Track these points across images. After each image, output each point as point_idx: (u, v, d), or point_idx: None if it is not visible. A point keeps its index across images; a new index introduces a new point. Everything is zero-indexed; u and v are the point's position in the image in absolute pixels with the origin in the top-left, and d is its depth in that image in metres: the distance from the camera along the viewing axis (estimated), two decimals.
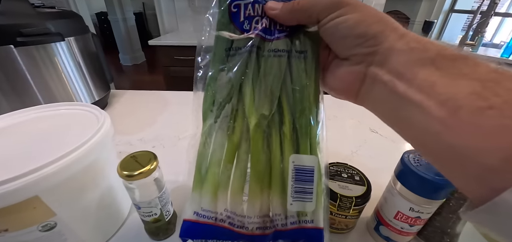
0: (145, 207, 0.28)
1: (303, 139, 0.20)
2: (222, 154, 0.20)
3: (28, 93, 0.52)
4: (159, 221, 0.30)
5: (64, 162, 0.22)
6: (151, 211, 0.29)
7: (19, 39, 0.44)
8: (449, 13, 2.87)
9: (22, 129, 0.29)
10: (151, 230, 0.32)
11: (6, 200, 0.20)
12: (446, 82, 0.13)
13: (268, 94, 0.20)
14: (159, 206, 0.29)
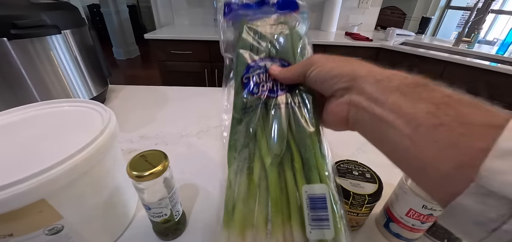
0: (155, 208, 0.27)
1: (313, 171, 0.23)
2: (246, 193, 0.23)
3: (23, 88, 0.50)
4: (169, 222, 0.29)
5: (71, 163, 0.21)
6: (161, 212, 0.28)
7: (13, 31, 0.42)
8: (445, 10, 2.90)
9: (24, 127, 0.28)
10: (160, 231, 0.31)
11: (10, 204, 0.19)
12: (410, 105, 0.16)
13: (277, 137, 0.24)
14: (169, 206, 0.28)
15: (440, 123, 0.15)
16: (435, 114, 0.15)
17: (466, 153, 0.13)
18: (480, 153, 0.13)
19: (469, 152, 0.13)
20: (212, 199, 0.38)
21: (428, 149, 0.15)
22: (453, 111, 0.15)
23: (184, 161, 0.45)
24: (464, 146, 0.14)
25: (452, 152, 0.14)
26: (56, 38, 0.50)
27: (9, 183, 0.19)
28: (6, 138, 0.26)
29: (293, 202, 0.23)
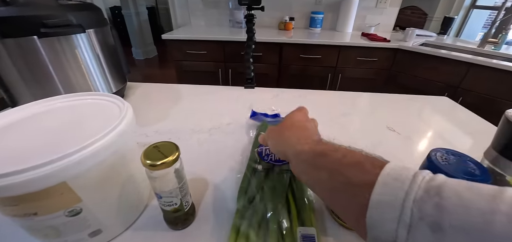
0: (166, 197, 0.28)
1: (306, 215, 0.33)
2: (251, 224, 0.32)
3: (49, 83, 0.53)
4: (178, 211, 0.30)
5: (91, 150, 0.23)
6: (172, 201, 0.29)
7: (42, 30, 0.45)
8: (470, 9, 2.75)
9: (51, 116, 0.30)
10: (170, 220, 0.32)
11: (36, 185, 0.21)
12: (316, 174, 0.24)
13: (279, 193, 0.35)
14: (179, 196, 0.29)
15: (335, 188, 0.21)
16: (331, 180, 0.21)
17: (358, 208, 0.18)
18: (364, 208, 0.17)
19: (359, 209, 0.18)
20: (221, 193, 0.39)
21: (338, 208, 0.23)
22: (342, 177, 0.20)
23: (196, 156, 0.47)
24: (355, 203, 0.19)
25: (351, 208, 0.20)
26: (81, 37, 0.53)
27: (35, 165, 0.20)
28: (34, 125, 0.29)
29: (287, 237, 0.30)
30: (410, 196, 0.15)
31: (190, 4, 1.99)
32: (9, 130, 0.28)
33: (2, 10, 0.43)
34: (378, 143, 0.53)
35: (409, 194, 0.15)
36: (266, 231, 0.31)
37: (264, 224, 0.32)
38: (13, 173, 0.20)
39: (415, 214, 0.15)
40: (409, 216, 0.15)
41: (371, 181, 0.17)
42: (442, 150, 0.28)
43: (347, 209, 0.21)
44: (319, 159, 0.23)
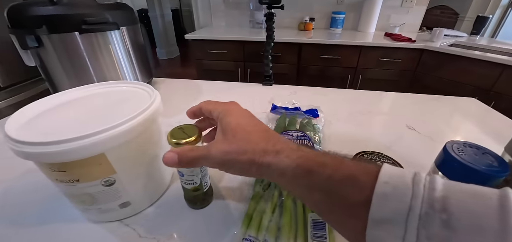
0: (188, 175, 0.31)
1: None
2: (267, 208, 0.33)
3: (86, 75, 0.59)
4: (198, 190, 0.33)
5: (126, 127, 0.26)
6: (192, 180, 0.31)
7: (83, 27, 0.50)
8: (508, 8, 2.54)
9: (91, 100, 0.35)
10: (190, 198, 0.35)
11: (79, 153, 0.24)
12: (307, 193, 0.21)
13: None
14: (199, 176, 0.32)
15: (331, 210, 0.19)
16: (325, 202, 0.19)
17: (357, 228, 0.17)
18: (364, 226, 0.16)
19: (359, 227, 0.16)
20: (237, 180, 0.41)
21: (337, 227, 0.20)
22: (336, 197, 0.18)
23: None
24: (352, 224, 0.17)
25: (348, 227, 0.18)
26: (115, 34, 0.58)
27: (79, 136, 0.24)
28: (77, 107, 0.33)
29: (300, 222, 0.31)
30: (414, 212, 0.14)
31: (212, 5, 2.06)
32: (59, 109, 0.32)
33: (50, 9, 0.49)
34: (395, 141, 0.52)
35: (413, 209, 0.14)
36: (279, 217, 0.33)
37: (278, 209, 0.33)
38: (64, 141, 0.23)
39: (422, 234, 0.14)
40: (415, 235, 0.14)
41: (368, 197, 0.16)
42: (459, 141, 0.28)
43: (345, 227, 0.19)
44: (307, 178, 0.19)
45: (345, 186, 0.17)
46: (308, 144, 0.42)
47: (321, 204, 0.20)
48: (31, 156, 0.24)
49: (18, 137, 0.24)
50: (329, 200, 0.18)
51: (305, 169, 0.19)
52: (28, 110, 0.31)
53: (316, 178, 0.19)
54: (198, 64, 1.83)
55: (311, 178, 0.19)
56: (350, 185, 0.17)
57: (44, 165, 0.26)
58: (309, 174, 0.19)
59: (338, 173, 0.18)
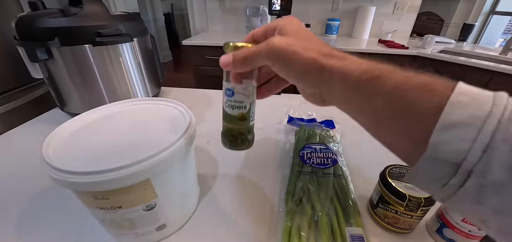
0: (239, 93, 0.26)
1: (352, 215, 0.35)
2: (302, 223, 0.33)
3: (95, 87, 0.57)
4: (243, 120, 0.27)
5: (172, 150, 0.26)
6: (242, 102, 0.26)
7: (97, 39, 0.49)
8: (489, 15, 2.69)
9: (124, 117, 0.34)
10: (231, 131, 0.29)
11: (127, 181, 0.24)
12: (368, 101, 0.19)
13: (325, 195, 0.37)
14: (250, 99, 0.27)
15: (395, 115, 0.18)
16: (389, 107, 0.18)
17: (420, 135, 0.16)
18: (429, 134, 0.15)
19: (423, 135, 0.16)
20: (264, 194, 0.41)
21: (388, 135, 0.20)
22: (404, 102, 0.17)
23: (236, 159, 0.49)
24: (418, 130, 0.16)
25: (409, 135, 0.17)
26: (126, 46, 0.57)
27: (128, 163, 0.23)
28: (111, 126, 0.32)
29: (337, 237, 0.32)
30: (494, 117, 0.14)
31: (208, 11, 2.05)
32: (92, 129, 0.31)
33: (63, 20, 0.48)
34: None
35: (492, 115, 0.14)
36: (316, 232, 0.33)
37: (313, 224, 0.34)
38: (112, 170, 0.23)
39: (498, 135, 0.13)
40: (489, 136, 0.13)
41: (442, 103, 0.15)
42: None
43: (403, 135, 0.18)
44: (374, 84, 0.19)
45: (417, 92, 0.17)
46: (333, 156, 0.43)
47: (382, 110, 0.18)
48: (75, 186, 0.23)
49: (59, 163, 0.23)
50: (394, 105, 0.18)
51: (373, 74, 0.19)
52: (61, 131, 0.29)
53: (384, 82, 0.18)
54: (196, 70, 1.81)
55: (378, 83, 0.18)
56: (423, 91, 0.16)
57: (86, 193, 0.25)
58: (377, 79, 0.18)
59: (410, 80, 0.17)
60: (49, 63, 0.52)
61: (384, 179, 0.34)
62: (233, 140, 0.29)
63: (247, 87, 0.26)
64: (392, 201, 0.33)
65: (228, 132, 0.29)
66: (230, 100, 0.27)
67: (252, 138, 0.30)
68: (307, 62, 0.21)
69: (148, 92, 0.67)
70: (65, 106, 0.60)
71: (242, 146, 0.29)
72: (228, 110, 0.27)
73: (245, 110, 0.27)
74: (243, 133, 0.28)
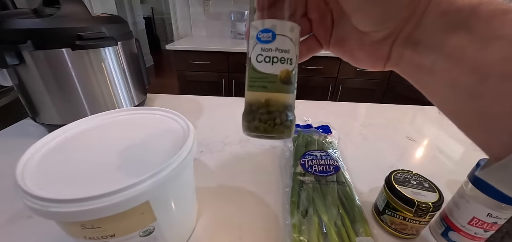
0: (284, 36, 0.17)
1: (360, 224, 0.33)
2: (311, 236, 0.32)
3: (73, 95, 0.52)
4: (287, 85, 0.18)
5: (173, 169, 0.23)
6: (288, 51, 0.18)
7: (77, 42, 0.44)
8: None
9: (114, 130, 0.30)
10: (265, 104, 0.18)
11: (123, 206, 0.20)
12: (477, 48, 0.13)
13: (331, 204, 0.35)
14: (296, 50, 0.18)
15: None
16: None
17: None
18: None
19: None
20: (267, 206, 0.38)
21: (496, 105, 0.12)
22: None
23: (233, 168, 0.46)
24: None
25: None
26: (109, 50, 0.52)
27: (124, 186, 0.20)
28: (100, 141, 0.28)
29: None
30: None
31: (192, 15, 2.00)
32: (76, 145, 0.27)
33: (37, 22, 0.43)
34: (404, 151, 0.55)
35: None
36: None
37: (321, 237, 0.32)
38: (105, 194, 0.19)
39: None
40: None
41: None
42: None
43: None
44: (499, 21, 0.12)
45: None
46: (334, 163, 0.42)
47: (502, 63, 0.12)
48: (60, 216, 0.19)
49: (37, 189, 0.20)
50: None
51: (498, 8, 0.12)
52: (38, 148, 0.25)
53: (511, 22, 0.12)
54: (180, 75, 1.75)
55: (502, 21, 0.12)
56: None
57: (73, 223, 0.21)
58: (503, 15, 0.12)
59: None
60: (20, 69, 0.47)
61: (390, 185, 0.34)
62: (268, 119, 0.18)
63: (294, 28, 0.17)
64: (399, 207, 0.32)
65: (259, 106, 0.18)
66: (268, 49, 0.17)
67: (294, 119, 0.20)
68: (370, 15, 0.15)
69: (133, 99, 0.62)
70: (38, 116, 0.54)
71: (281, 129, 0.19)
72: (262, 67, 0.17)
73: (291, 66, 0.18)
74: (285, 107, 0.19)
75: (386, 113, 0.78)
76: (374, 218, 0.37)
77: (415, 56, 0.16)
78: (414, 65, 0.17)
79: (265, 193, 0.41)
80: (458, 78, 0.14)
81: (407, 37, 0.16)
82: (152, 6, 4.45)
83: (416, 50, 0.16)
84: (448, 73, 0.14)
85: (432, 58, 0.15)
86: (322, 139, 0.51)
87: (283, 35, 0.17)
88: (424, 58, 0.16)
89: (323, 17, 0.21)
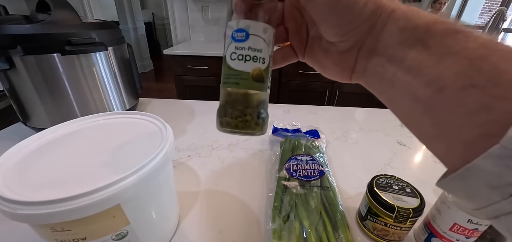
0: (256, 36, 0.18)
1: (342, 230, 0.33)
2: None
3: (64, 100, 0.53)
4: (259, 82, 0.19)
5: (145, 172, 0.23)
6: (261, 50, 0.18)
7: (67, 48, 0.45)
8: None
9: (93, 134, 0.30)
10: (236, 101, 0.19)
11: (92, 209, 0.20)
12: (433, 62, 0.14)
13: (313, 209, 0.35)
14: (270, 51, 0.19)
15: (471, 84, 0.12)
16: (466, 73, 0.12)
17: (498, 119, 0.11)
18: (508, 122, 0.11)
19: (502, 118, 0.11)
20: (250, 211, 0.38)
21: (450, 115, 0.13)
22: (490, 68, 0.12)
23: (219, 173, 0.46)
24: (498, 111, 0.11)
25: (480, 119, 0.12)
26: (100, 55, 0.53)
27: (94, 188, 0.20)
28: (76, 145, 0.28)
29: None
30: None
31: (191, 21, 2.03)
32: (53, 149, 0.27)
33: (27, 27, 0.43)
34: (393, 155, 0.55)
35: None
36: None
37: None
38: (73, 197, 0.19)
39: None
40: None
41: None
42: None
43: (466, 118, 0.13)
44: (451, 38, 0.13)
45: (509, 61, 0.12)
46: (319, 168, 0.42)
47: (455, 76, 0.13)
48: (31, 218, 0.19)
49: (8, 192, 0.20)
50: (473, 72, 0.12)
51: (450, 28, 0.14)
52: (13, 153, 0.26)
53: (463, 40, 0.13)
54: (178, 79, 1.76)
55: (454, 39, 0.13)
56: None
57: (43, 226, 0.21)
58: (455, 34, 0.13)
59: (499, 44, 0.13)
60: (11, 74, 0.47)
61: (372, 190, 0.34)
62: (239, 115, 0.19)
63: (268, 29, 0.18)
64: (381, 213, 0.32)
65: (232, 102, 0.19)
66: (241, 48, 0.18)
67: (266, 117, 0.20)
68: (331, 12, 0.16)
69: (124, 104, 0.63)
70: (29, 120, 0.54)
71: (252, 126, 0.19)
72: (235, 65, 0.18)
73: (263, 65, 0.18)
74: (257, 103, 0.19)
75: (378, 118, 0.78)
76: (357, 224, 0.37)
77: (377, 68, 0.17)
78: (377, 77, 0.18)
79: (249, 198, 0.41)
80: (417, 91, 0.15)
81: (369, 49, 0.17)
82: (153, 11, 4.51)
83: (378, 63, 0.17)
84: (408, 86, 0.15)
85: (392, 71, 0.16)
86: (310, 144, 0.51)
87: (256, 35, 0.18)
88: (386, 71, 0.16)
89: (299, 27, 0.22)
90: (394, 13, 0.16)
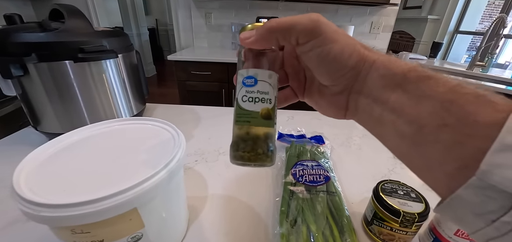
0: (263, 81, 0.21)
1: (348, 234, 0.33)
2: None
3: (74, 105, 0.54)
4: (267, 120, 0.21)
5: (160, 177, 0.24)
6: (268, 93, 0.21)
7: (79, 55, 0.46)
8: (454, 34, 2.94)
9: (108, 140, 0.31)
10: (248, 137, 0.21)
11: (111, 212, 0.21)
12: (413, 103, 0.16)
13: (320, 214, 0.35)
14: (275, 92, 0.22)
15: (444, 124, 0.14)
16: (438, 114, 0.15)
17: (470, 154, 0.13)
18: (481, 155, 0.12)
19: (474, 153, 0.13)
20: (257, 216, 0.39)
21: (431, 150, 0.15)
22: (458, 110, 0.14)
23: (226, 178, 0.47)
24: (469, 146, 0.13)
25: (456, 153, 0.14)
26: (110, 62, 0.55)
27: (112, 193, 0.21)
28: (92, 150, 0.29)
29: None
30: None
31: (194, 27, 2.06)
32: (71, 154, 0.28)
33: (41, 35, 0.45)
34: (396, 164, 0.55)
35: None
36: None
37: None
38: (94, 200, 0.20)
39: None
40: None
41: (502, 119, 0.12)
42: None
43: (444, 153, 0.14)
44: (424, 84, 0.16)
45: (473, 102, 0.14)
46: (325, 173, 0.43)
47: (428, 117, 0.15)
48: (51, 221, 0.20)
49: (31, 195, 0.21)
50: (445, 113, 0.14)
51: (423, 74, 0.16)
52: (33, 157, 0.27)
53: (436, 84, 0.15)
54: (181, 85, 1.78)
55: (427, 85, 0.16)
56: (481, 103, 0.14)
57: (64, 228, 0.22)
58: (428, 79, 0.16)
59: (465, 88, 0.14)
60: (24, 80, 0.49)
61: (378, 195, 0.34)
62: (251, 149, 0.21)
63: (272, 75, 0.21)
64: (386, 217, 0.33)
65: (244, 139, 0.21)
66: (251, 91, 0.21)
67: (275, 149, 0.23)
68: (348, 46, 0.18)
69: (132, 109, 0.64)
70: (40, 125, 0.56)
71: (263, 158, 0.22)
72: (246, 106, 0.21)
73: (270, 105, 0.21)
74: (266, 138, 0.22)
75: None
76: (363, 228, 0.38)
77: (366, 108, 0.20)
78: (367, 116, 0.20)
79: (256, 203, 0.41)
80: (401, 128, 0.17)
81: (358, 91, 0.20)
82: (157, 18, 4.57)
83: (366, 103, 0.19)
84: (393, 124, 0.17)
85: (379, 111, 0.18)
86: (315, 149, 0.51)
87: (263, 80, 0.21)
88: (373, 111, 0.19)
89: (297, 72, 0.26)
90: (375, 63, 0.18)
